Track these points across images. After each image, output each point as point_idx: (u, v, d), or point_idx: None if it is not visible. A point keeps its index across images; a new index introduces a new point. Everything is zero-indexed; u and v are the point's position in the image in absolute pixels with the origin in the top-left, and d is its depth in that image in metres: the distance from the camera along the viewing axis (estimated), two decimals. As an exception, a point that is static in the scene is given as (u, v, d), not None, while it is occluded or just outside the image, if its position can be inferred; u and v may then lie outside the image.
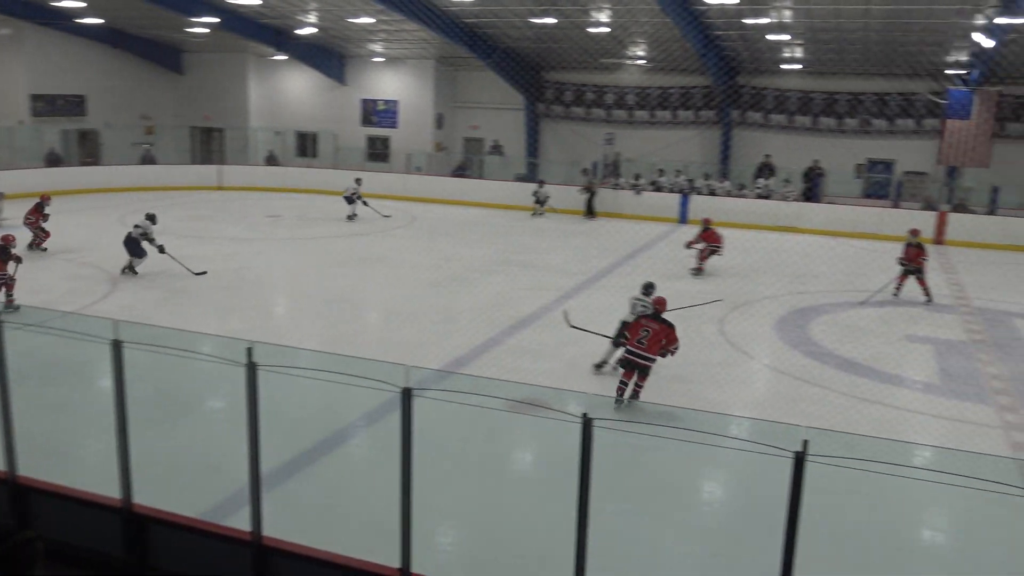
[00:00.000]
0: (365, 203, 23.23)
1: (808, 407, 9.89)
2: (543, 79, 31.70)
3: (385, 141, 33.20)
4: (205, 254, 17.00)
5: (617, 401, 9.44)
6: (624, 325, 10.57)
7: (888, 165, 27.42)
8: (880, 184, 27.22)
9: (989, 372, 11.62)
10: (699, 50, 24.26)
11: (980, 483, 4.27)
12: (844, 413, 9.67)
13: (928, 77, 25.17)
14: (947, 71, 25.38)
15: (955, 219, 22.90)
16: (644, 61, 29.19)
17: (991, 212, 24.02)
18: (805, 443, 4.24)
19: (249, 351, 5.15)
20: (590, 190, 25.63)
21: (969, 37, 21.64)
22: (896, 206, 25.18)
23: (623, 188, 26.53)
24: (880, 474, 6.00)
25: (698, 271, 17.39)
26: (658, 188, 26.48)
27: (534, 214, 25.36)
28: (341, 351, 10.78)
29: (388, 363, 5.67)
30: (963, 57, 24.28)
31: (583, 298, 14.81)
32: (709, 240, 17.59)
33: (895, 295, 15.87)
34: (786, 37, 23.96)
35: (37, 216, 17.57)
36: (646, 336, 9.52)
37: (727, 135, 28.76)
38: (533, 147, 32.03)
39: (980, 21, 19.98)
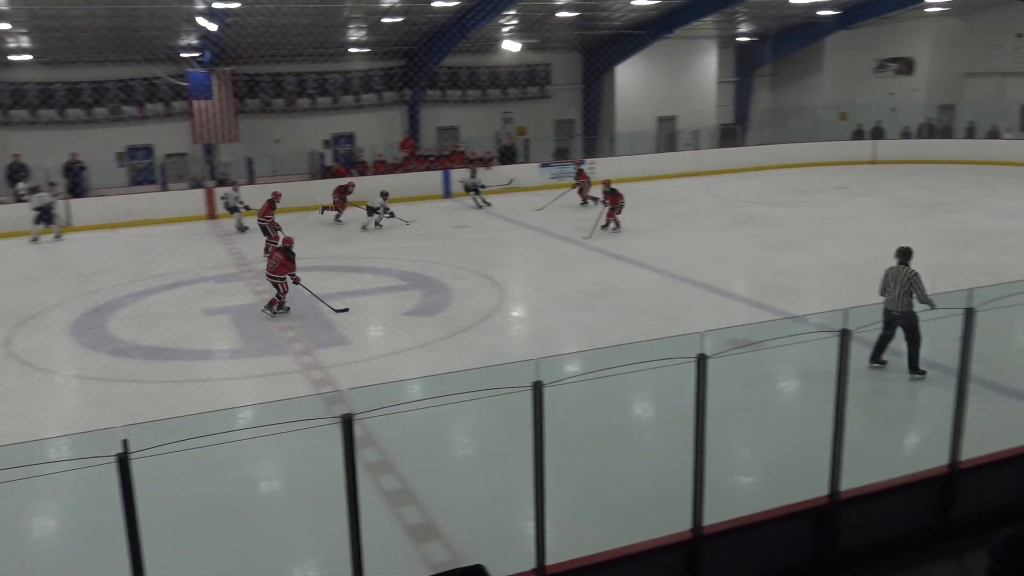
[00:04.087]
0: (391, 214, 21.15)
1: (127, 405, 9.68)
2: None
3: None
4: None
5: None
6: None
7: (149, 150, 27.59)
8: (145, 170, 27.30)
9: (280, 325, 12.83)
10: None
11: (299, 424, 4.80)
12: (163, 400, 9.73)
13: (167, 61, 25.88)
14: (183, 54, 26.41)
15: (222, 194, 24.25)
16: None
17: (251, 182, 26.09)
18: (125, 443, 4.21)
19: None
20: None
21: (195, 21, 22.78)
22: (165, 189, 25.65)
23: None
24: (213, 446, 6.25)
25: None
26: None
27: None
28: None
29: None
30: (194, 40, 25.51)
31: None
32: None
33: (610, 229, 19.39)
34: (8, 26, 22.05)
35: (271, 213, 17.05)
36: None
37: (-38, 137, 25.45)
38: None
39: (201, 6, 21.16)
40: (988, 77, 32.17)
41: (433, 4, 23.74)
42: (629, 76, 31.51)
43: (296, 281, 13.09)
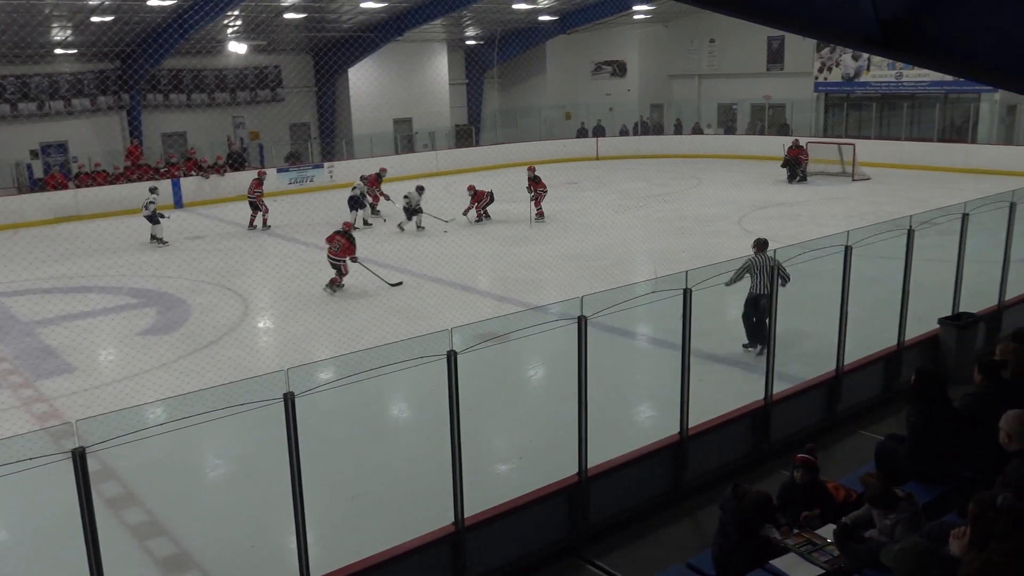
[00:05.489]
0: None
1: None
2: None
3: None
4: None
5: None
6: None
7: None
8: None
9: (-7, 358, 11.53)
10: None
11: (22, 464, 4.34)
12: None
13: None
14: None
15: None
16: None
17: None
18: None
19: None
20: None
21: None
22: None
23: None
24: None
25: None
26: None
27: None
28: None
29: None
30: None
31: None
32: None
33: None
34: None
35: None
36: None
37: None
38: None
39: None
40: (689, 78, 35.50)
41: (148, 3, 22.27)
42: (363, 78, 31.39)
43: (355, 260, 14.36)
